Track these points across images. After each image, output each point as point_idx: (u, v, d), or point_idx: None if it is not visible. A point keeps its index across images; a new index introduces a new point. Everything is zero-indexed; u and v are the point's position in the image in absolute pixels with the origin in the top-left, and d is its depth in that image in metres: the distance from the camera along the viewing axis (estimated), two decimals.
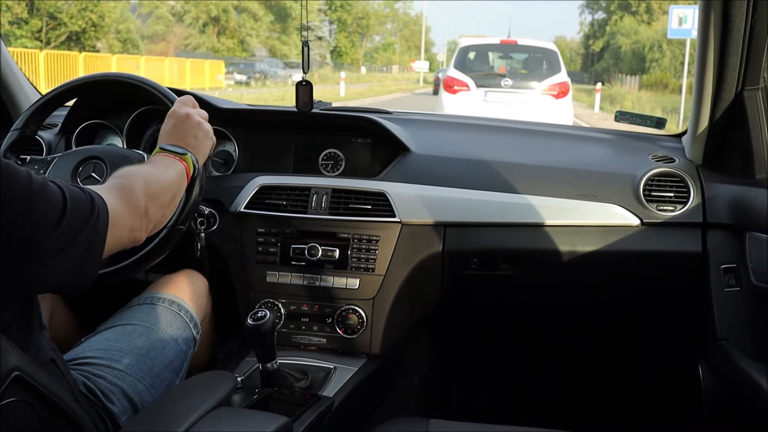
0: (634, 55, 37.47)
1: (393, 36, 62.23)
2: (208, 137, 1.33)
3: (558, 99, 8.49)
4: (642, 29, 38.65)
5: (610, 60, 43.56)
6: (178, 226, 1.33)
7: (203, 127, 1.32)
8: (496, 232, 1.62)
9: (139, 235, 1.05)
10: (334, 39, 52.81)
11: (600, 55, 50.92)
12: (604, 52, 47.98)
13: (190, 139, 1.29)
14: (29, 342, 0.95)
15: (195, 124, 1.31)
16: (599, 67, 48.20)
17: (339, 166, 1.76)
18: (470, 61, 9.21)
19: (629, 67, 35.86)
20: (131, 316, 1.36)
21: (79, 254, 0.88)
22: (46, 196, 0.85)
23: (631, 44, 38.07)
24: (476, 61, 9.34)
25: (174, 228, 1.32)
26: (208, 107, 1.67)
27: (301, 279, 1.60)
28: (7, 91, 1.95)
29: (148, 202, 1.06)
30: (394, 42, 62.22)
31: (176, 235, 1.35)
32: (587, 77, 49.30)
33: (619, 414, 2.05)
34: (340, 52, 52.17)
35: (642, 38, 36.97)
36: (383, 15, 58.10)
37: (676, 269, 1.63)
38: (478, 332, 2.08)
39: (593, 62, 53.32)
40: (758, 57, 1.49)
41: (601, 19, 51.79)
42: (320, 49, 45.19)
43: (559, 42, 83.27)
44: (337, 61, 50.16)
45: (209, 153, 1.36)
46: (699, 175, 1.63)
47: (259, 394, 1.29)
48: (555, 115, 8.12)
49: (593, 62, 53.32)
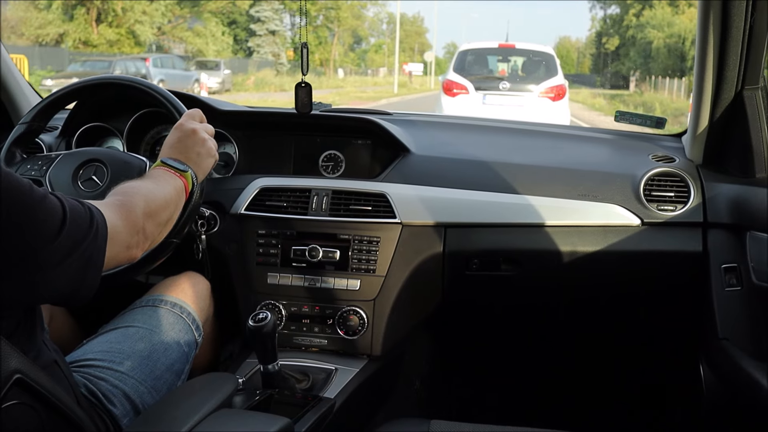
0: (669, 52, 31.49)
1: (386, 37, 60.30)
2: (211, 155, 1.33)
3: (555, 101, 8.68)
4: (678, 20, 31.88)
5: (636, 58, 36.45)
6: (170, 240, 1.32)
7: (207, 145, 1.32)
8: (496, 232, 1.62)
9: (135, 253, 1.05)
10: (297, 34, 48.04)
11: (615, 55, 45.14)
12: (621, 50, 42.09)
13: (192, 155, 1.28)
14: (31, 345, 0.95)
15: (200, 140, 1.30)
16: (615, 68, 42.84)
17: (339, 168, 1.77)
18: (469, 64, 9.36)
19: (663, 67, 30.14)
20: (133, 318, 1.37)
21: (79, 267, 0.88)
22: (47, 207, 0.85)
23: (664, 38, 31.68)
24: (475, 65, 9.49)
25: (166, 242, 1.31)
26: (208, 109, 1.67)
27: (301, 280, 1.60)
28: (7, 94, 1.95)
29: (147, 221, 1.06)
30: (383, 42, 59.85)
31: (169, 247, 1.35)
32: (600, 80, 43.84)
33: (621, 414, 2.05)
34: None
35: (680, 30, 30.46)
36: (359, 14, 53.13)
37: (677, 269, 1.63)
38: (479, 333, 2.08)
39: (607, 63, 47.98)
40: (758, 56, 1.49)
41: (616, 14, 46.56)
42: (273, 46, 37.62)
43: (563, 43, 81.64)
44: (299, 62, 46.40)
45: (210, 170, 1.36)
46: (699, 174, 1.63)
47: (260, 396, 1.29)
48: (552, 116, 8.28)
49: (607, 63, 47.98)
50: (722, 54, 1.50)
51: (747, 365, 1.39)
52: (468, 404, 2.14)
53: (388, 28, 61.01)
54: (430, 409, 2.00)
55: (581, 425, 1.95)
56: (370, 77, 47.05)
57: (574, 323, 1.98)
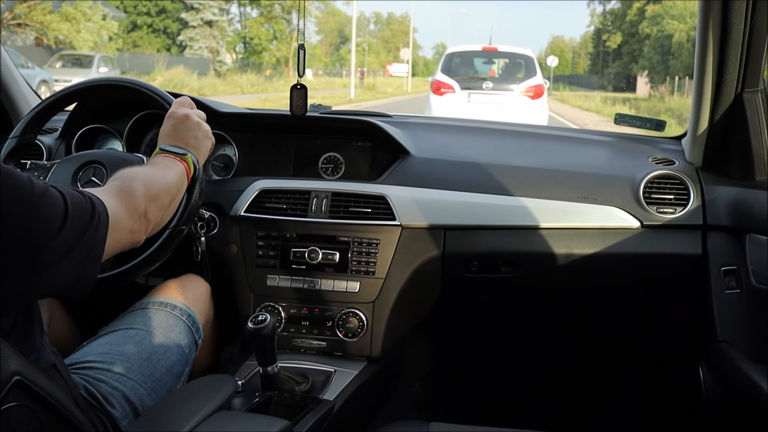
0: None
1: (374, 37, 58.58)
2: (208, 137, 1.34)
3: (534, 100, 9.34)
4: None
5: (652, 56, 30.75)
6: (179, 227, 1.33)
7: (202, 127, 1.33)
8: (496, 235, 1.62)
9: (139, 237, 1.05)
10: (246, 28, 36.88)
11: (617, 53, 41.43)
12: (624, 48, 37.96)
13: (190, 140, 1.29)
14: (30, 347, 0.95)
15: (194, 124, 1.31)
16: (618, 67, 38.98)
17: (339, 170, 1.77)
18: (456, 65, 10.02)
19: (687, 65, 25.01)
20: (133, 320, 1.37)
21: (80, 259, 0.89)
22: (48, 202, 0.85)
23: (688, 30, 26.86)
24: (461, 66, 10.15)
25: (175, 229, 1.32)
26: (208, 111, 1.67)
27: (301, 282, 1.60)
28: (8, 96, 1.95)
29: (148, 204, 1.06)
30: (364, 41, 57.74)
31: (178, 237, 1.34)
32: (601, 81, 39.89)
33: (620, 416, 2.05)
34: (255, 48, 36.89)
35: None
36: (334, 11, 48.38)
37: (677, 271, 1.63)
38: (479, 335, 2.08)
39: (608, 62, 44.31)
40: (758, 59, 1.50)
41: (618, 9, 42.40)
42: (210, 40, 30.18)
43: (556, 42, 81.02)
44: (251, 60, 35.80)
45: (209, 153, 1.36)
46: (699, 177, 1.63)
47: (259, 398, 1.29)
48: (531, 114, 8.96)
49: (608, 62, 44.31)
50: (722, 56, 1.50)
51: (746, 368, 1.39)
52: (467, 406, 2.14)
53: (375, 27, 59.92)
54: (430, 411, 2.00)
55: (580, 427, 1.95)
56: (345, 78, 38.85)
57: (573, 325, 1.98)
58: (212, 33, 30.41)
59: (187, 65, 26.87)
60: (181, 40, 31.07)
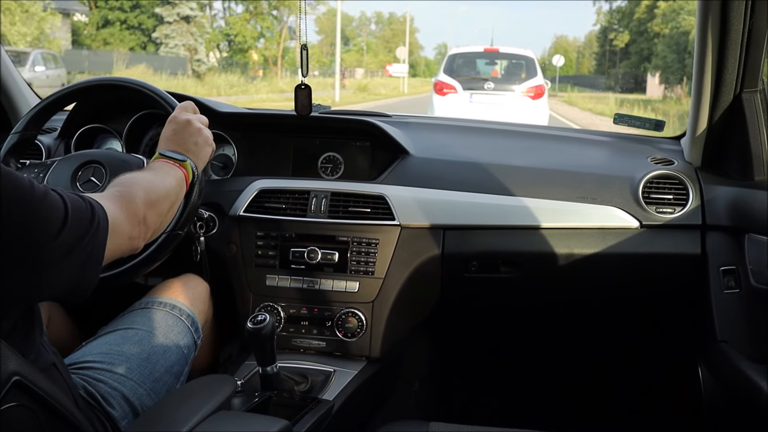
0: None
1: (374, 38, 58.07)
2: (208, 144, 1.33)
3: (534, 100, 9.53)
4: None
5: (666, 54, 28.70)
6: (176, 231, 1.33)
7: (203, 134, 1.32)
8: (495, 235, 1.62)
9: (138, 243, 1.05)
10: (230, 24, 33.78)
11: (625, 53, 39.68)
12: (632, 47, 36.47)
13: (190, 146, 1.29)
14: (29, 347, 0.95)
15: (195, 130, 1.30)
16: (626, 67, 37.43)
17: (338, 170, 1.77)
18: (458, 66, 10.17)
19: None
20: (132, 320, 1.36)
21: (80, 263, 0.89)
22: (48, 205, 0.85)
23: None
24: (463, 67, 10.30)
25: (172, 233, 1.33)
26: (207, 111, 1.67)
27: (300, 282, 1.60)
28: (7, 96, 1.95)
29: (148, 210, 1.06)
30: (362, 40, 57.25)
31: (174, 240, 1.35)
32: (607, 82, 38.32)
33: (620, 416, 2.05)
34: (240, 46, 33.83)
35: None
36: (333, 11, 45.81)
37: (676, 271, 1.63)
38: (478, 335, 2.08)
39: (615, 62, 42.70)
40: (756, 59, 1.50)
41: (625, 7, 40.53)
42: (187, 37, 27.47)
43: (560, 42, 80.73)
44: (235, 59, 33.07)
45: (209, 159, 1.36)
46: (698, 177, 1.63)
47: (259, 398, 1.29)
48: (532, 114, 9.14)
49: (615, 62, 42.70)
50: (721, 56, 1.50)
51: (745, 367, 1.39)
52: (467, 406, 2.14)
53: (377, 27, 59.59)
54: (429, 410, 2.00)
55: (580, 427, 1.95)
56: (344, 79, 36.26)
57: (572, 325, 1.98)
58: (189, 30, 27.80)
59: (161, 64, 24.82)
60: (156, 37, 28.60)
